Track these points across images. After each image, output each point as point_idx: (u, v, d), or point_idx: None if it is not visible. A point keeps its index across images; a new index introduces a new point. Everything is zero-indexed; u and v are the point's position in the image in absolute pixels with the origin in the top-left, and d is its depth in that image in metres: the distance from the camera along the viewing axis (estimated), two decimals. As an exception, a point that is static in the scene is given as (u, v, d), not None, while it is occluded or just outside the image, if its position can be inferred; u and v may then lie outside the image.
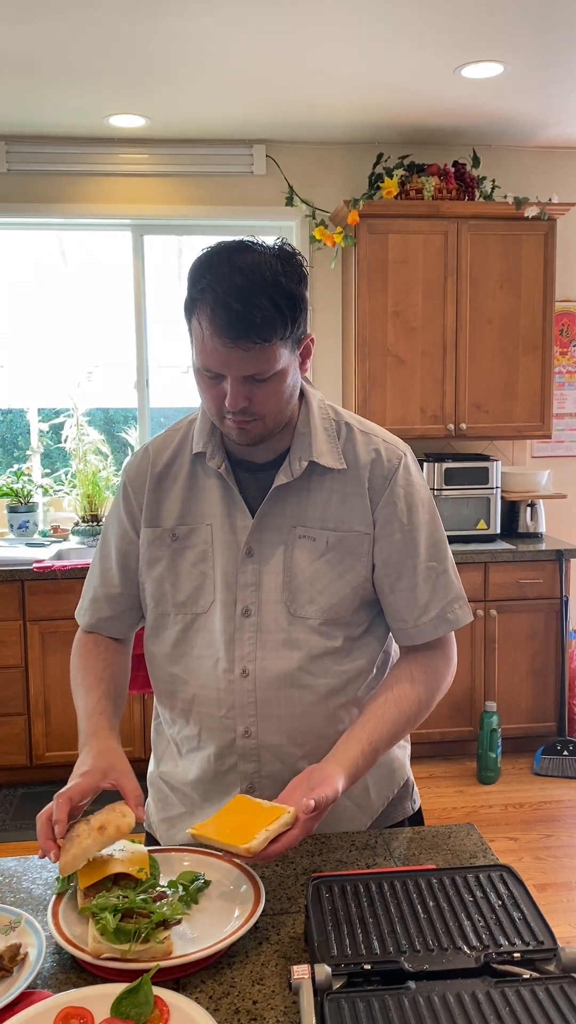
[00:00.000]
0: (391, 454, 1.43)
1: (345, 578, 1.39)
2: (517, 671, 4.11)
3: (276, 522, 1.38)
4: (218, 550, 1.39)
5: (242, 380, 1.26)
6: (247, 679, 1.38)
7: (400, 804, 1.55)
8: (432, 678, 1.43)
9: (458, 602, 1.44)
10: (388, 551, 1.40)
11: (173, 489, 1.43)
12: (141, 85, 3.53)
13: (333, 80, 3.51)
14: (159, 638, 1.45)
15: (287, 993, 1.05)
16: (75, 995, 1.01)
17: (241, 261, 1.22)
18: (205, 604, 1.40)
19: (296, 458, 1.37)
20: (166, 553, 1.42)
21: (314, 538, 1.38)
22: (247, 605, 1.38)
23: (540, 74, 3.47)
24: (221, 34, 3.05)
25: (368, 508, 1.39)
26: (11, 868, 1.35)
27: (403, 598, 1.41)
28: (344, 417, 1.44)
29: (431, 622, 1.42)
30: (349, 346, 4.27)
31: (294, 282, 1.25)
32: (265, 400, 1.29)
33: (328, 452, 1.39)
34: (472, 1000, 0.94)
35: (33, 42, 3.09)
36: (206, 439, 1.40)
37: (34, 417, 4.58)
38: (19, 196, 4.21)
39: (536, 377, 4.22)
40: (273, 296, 1.22)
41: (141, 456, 1.47)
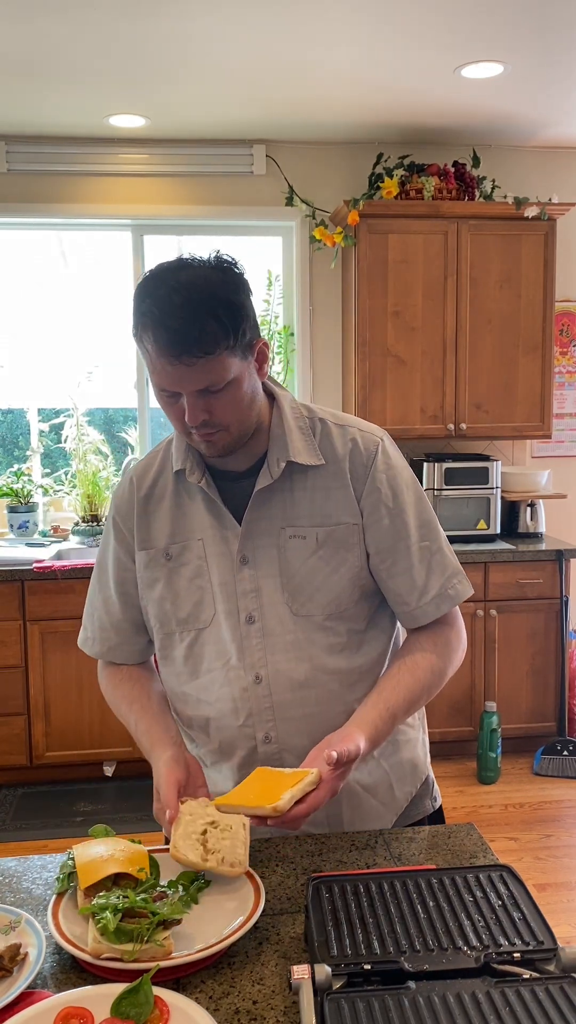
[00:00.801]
0: (367, 442, 1.43)
1: (340, 571, 1.40)
2: (517, 671, 4.11)
3: (264, 526, 1.40)
4: (212, 563, 1.41)
5: (196, 395, 1.28)
6: (261, 685, 1.39)
7: (421, 801, 1.56)
8: (443, 649, 1.44)
9: (456, 576, 1.46)
10: (379, 538, 1.41)
11: (160, 509, 1.45)
12: (141, 85, 3.53)
13: (333, 80, 3.51)
14: (169, 659, 1.47)
15: (287, 993, 1.05)
16: (75, 995, 1.01)
17: (176, 280, 1.25)
18: (207, 618, 1.42)
19: (274, 460, 1.39)
20: (162, 573, 1.44)
21: (304, 536, 1.39)
22: (250, 612, 1.40)
23: (540, 74, 3.47)
24: (221, 34, 3.05)
25: (353, 498, 1.40)
26: (11, 868, 1.35)
27: (402, 582, 1.42)
28: (317, 413, 1.45)
29: (433, 601, 1.43)
30: (349, 346, 4.27)
31: (232, 292, 1.27)
32: (224, 411, 1.30)
33: (305, 450, 1.40)
34: (472, 1000, 0.94)
35: (33, 42, 3.10)
36: (183, 456, 1.42)
37: (34, 417, 4.58)
38: (19, 196, 4.21)
39: (536, 377, 4.22)
40: (212, 308, 1.23)
41: (126, 484, 1.49)
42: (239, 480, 1.42)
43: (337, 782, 1.23)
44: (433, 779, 1.60)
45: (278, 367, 4.46)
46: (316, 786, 1.20)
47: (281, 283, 4.49)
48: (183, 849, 1.20)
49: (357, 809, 1.46)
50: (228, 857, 1.20)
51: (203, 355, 1.24)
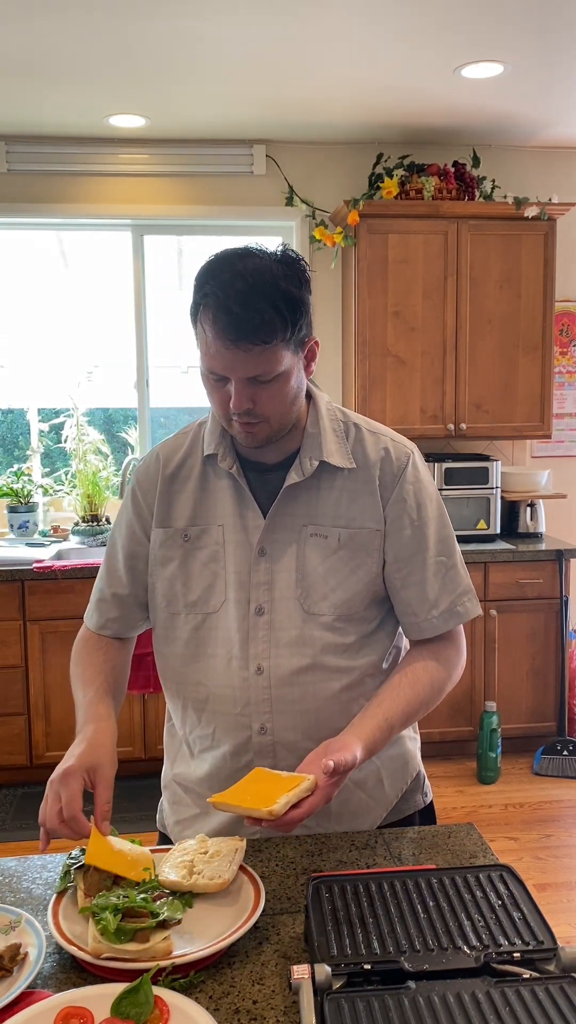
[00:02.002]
0: (400, 452, 1.46)
1: (357, 574, 1.41)
2: (517, 671, 4.11)
3: (288, 521, 1.41)
4: (230, 550, 1.42)
5: (245, 382, 1.29)
6: (262, 676, 1.40)
7: (412, 797, 1.57)
8: (443, 665, 1.46)
9: (467, 595, 1.48)
10: (399, 547, 1.43)
11: (184, 490, 1.46)
12: (141, 85, 3.53)
13: (333, 80, 3.51)
14: (171, 639, 1.47)
15: (287, 993, 1.05)
16: (75, 995, 1.01)
17: (242, 266, 1.26)
18: (216, 604, 1.42)
19: (307, 458, 1.41)
20: (178, 553, 1.44)
21: (326, 536, 1.41)
22: (260, 603, 1.40)
23: (540, 74, 3.47)
24: (221, 34, 3.05)
25: (379, 505, 1.42)
26: (11, 868, 1.35)
27: (413, 593, 1.44)
28: (352, 418, 1.48)
29: (441, 615, 1.45)
30: (349, 346, 4.27)
31: (295, 286, 1.29)
32: (269, 402, 1.31)
33: (338, 452, 1.42)
34: (472, 1000, 0.94)
35: (33, 42, 3.10)
36: (217, 441, 1.43)
37: (34, 417, 4.58)
38: (19, 196, 4.21)
39: (536, 377, 4.22)
40: (273, 299, 1.25)
41: (152, 460, 1.50)
42: (267, 473, 1.43)
43: (332, 789, 1.24)
44: (424, 774, 1.61)
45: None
46: (311, 792, 1.21)
47: (281, 283, 4.48)
48: (166, 872, 1.20)
49: (346, 803, 1.47)
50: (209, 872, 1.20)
51: (260, 343, 1.25)
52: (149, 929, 1.08)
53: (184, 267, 4.54)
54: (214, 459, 1.44)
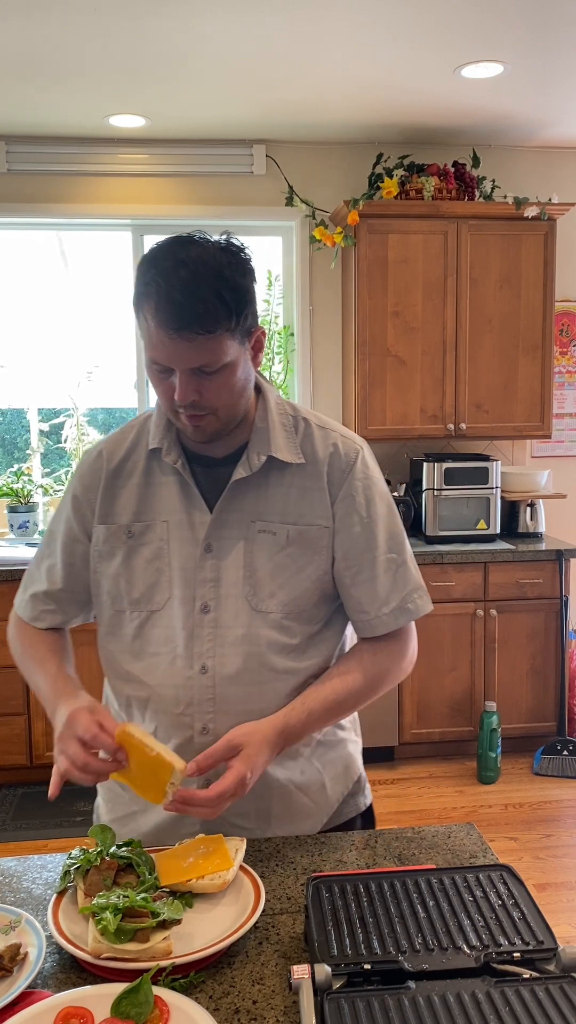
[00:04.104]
0: (348, 448, 1.43)
1: (306, 571, 1.40)
2: (517, 671, 4.11)
3: (235, 517, 1.38)
4: (175, 547, 1.39)
5: (190, 373, 1.26)
6: (206, 675, 1.37)
7: (353, 800, 1.55)
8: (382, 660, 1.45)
9: (417, 591, 1.46)
10: (348, 544, 1.41)
11: (128, 486, 1.43)
12: (141, 85, 3.53)
13: (333, 80, 3.51)
14: (116, 636, 1.44)
15: (287, 993, 1.05)
16: (75, 995, 1.01)
17: (185, 255, 1.24)
18: (160, 601, 1.39)
19: (254, 452, 1.38)
20: (121, 550, 1.41)
21: (274, 532, 1.39)
22: (206, 601, 1.38)
23: (540, 74, 3.47)
24: (221, 34, 3.05)
25: (327, 502, 1.41)
26: (11, 868, 1.35)
27: (364, 590, 1.42)
28: (301, 413, 1.45)
29: (391, 613, 1.44)
30: (349, 346, 4.27)
31: (239, 274, 1.26)
32: (216, 393, 1.29)
33: (286, 447, 1.40)
34: (472, 1000, 0.94)
35: (33, 42, 3.09)
36: (162, 435, 1.40)
37: (34, 417, 4.58)
38: (19, 196, 4.21)
39: (536, 377, 4.22)
40: (217, 288, 1.23)
41: (95, 455, 1.46)
42: (214, 467, 1.40)
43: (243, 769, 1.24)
44: (365, 777, 1.60)
45: (278, 367, 4.46)
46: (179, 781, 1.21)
47: (281, 283, 4.49)
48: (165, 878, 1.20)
49: (288, 807, 1.45)
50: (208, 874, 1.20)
51: (203, 332, 1.23)
52: (149, 929, 1.08)
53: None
54: (159, 453, 1.41)
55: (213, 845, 1.26)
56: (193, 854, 1.24)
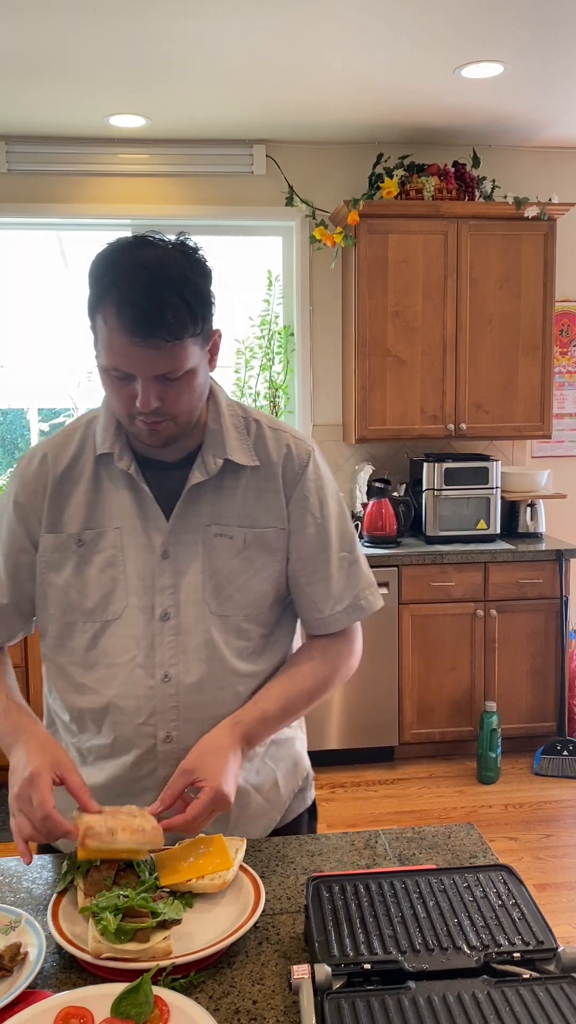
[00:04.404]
0: (301, 449, 1.42)
1: (263, 574, 1.39)
2: (517, 671, 4.11)
3: (192, 522, 1.36)
4: (129, 554, 1.35)
5: (153, 380, 1.23)
6: (168, 683, 1.35)
7: (302, 795, 1.56)
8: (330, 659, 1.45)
9: (369, 589, 1.47)
10: (304, 545, 1.41)
11: (76, 493, 1.37)
12: (141, 85, 3.53)
13: (333, 80, 3.51)
14: (66, 647, 1.39)
15: (287, 993, 1.05)
16: (75, 995, 1.01)
17: (143, 256, 1.20)
18: (116, 610, 1.35)
19: (210, 456, 1.36)
20: (72, 559, 1.36)
21: (231, 536, 1.37)
22: (165, 608, 1.35)
23: (540, 74, 3.47)
24: (221, 34, 3.05)
25: (282, 504, 1.40)
26: (11, 868, 1.35)
27: (319, 589, 1.43)
28: (252, 414, 1.43)
29: (345, 610, 1.45)
30: (349, 346, 4.27)
31: (200, 277, 1.23)
32: (176, 399, 1.26)
33: (240, 449, 1.38)
34: (472, 1000, 0.94)
35: (33, 42, 3.09)
36: (112, 439, 1.35)
37: (34, 417, 4.58)
38: (19, 196, 4.21)
39: (536, 377, 4.22)
40: (181, 292, 1.19)
41: (38, 461, 1.40)
42: (166, 471, 1.37)
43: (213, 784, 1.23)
44: (312, 774, 1.60)
45: (278, 367, 4.46)
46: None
47: (281, 283, 4.49)
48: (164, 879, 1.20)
49: (245, 808, 1.44)
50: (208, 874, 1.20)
51: (171, 339, 1.19)
52: (149, 929, 1.08)
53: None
54: (109, 458, 1.36)
55: (213, 845, 1.26)
56: (193, 854, 1.24)
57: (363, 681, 3.86)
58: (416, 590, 3.97)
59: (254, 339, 4.42)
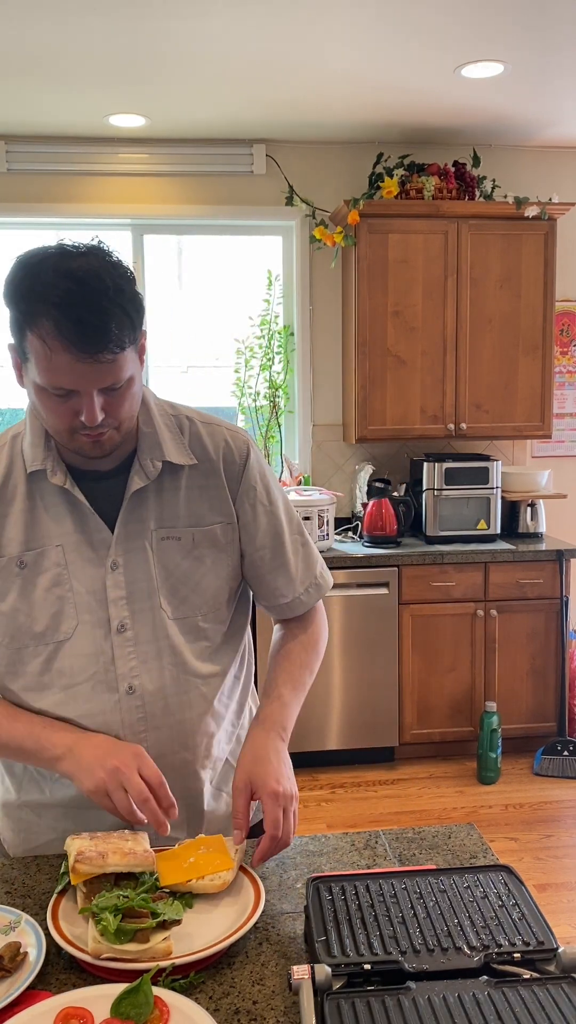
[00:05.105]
0: (238, 442, 1.42)
1: (215, 571, 1.39)
2: (517, 671, 4.11)
3: (137, 528, 1.33)
4: (75, 570, 1.32)
5: (98, 393, 1.20)
6: (133, 695, 1.34)
7: None
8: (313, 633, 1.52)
9: (323, 567, 1.54)
10: (259, 535, 1.42)
11: (11, 513, 1.33)
12: (141, 85, 3.53)
13: (333, 80, 3.51)
14: (18, 674, 1.35)
15: (287, 993, 1.05)
16: (75, 995, 1.01)
17: (68, 266, 1.15)
18: (68, 629, 1.32)
19: (147, 459, 1.33)
20: (14, 584, 1.32)
21: (179, 537, 1.36)
22: (122, 620, 1.33)
23: (540, 74, 3.47)
24: (221, 34, 3.05)
25: (228, 498, 1.40)
26: (11, 868, 1.35)
27: (280, 576, 1.46)
28: (182, 411, 1.42)
29: (307, 591, 1.49)
30: (349, 346, 4.27)
31: (128, 282, 1.20)
32: (119, 408, 1.23)
33: (176, 449, 1.36)
34: (472, 1000, 0.94)
35: (33, 42, 3.09)
36: (43, 455, 1.32)
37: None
38: (19, 196, 4.21)
39: (536, 377, 4.22)
40: (119, 302, 1.17)
41: None
42: (103, 481, 1.34)
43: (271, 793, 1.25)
44: None
45: (278, 367, 4.46)
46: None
47: (281, 283, 4.49)
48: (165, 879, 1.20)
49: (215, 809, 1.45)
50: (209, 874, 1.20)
51: (118, 351, 1.17)
52: (149, 929, 1.08)
53: (184, 267, 4.54)
54: (42, 475, 1.32)
55: (213, 845, 1.26)
56: (193, 854, 1.24)
57: (363, 681, 3.87)
58: (416, 590, 3.97)
59: (254, 339, 4.42)
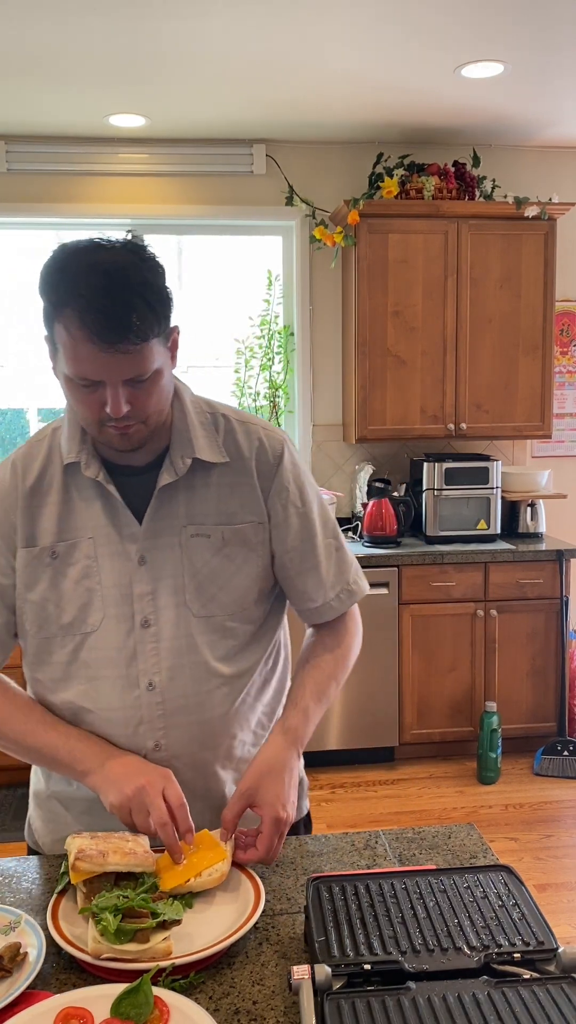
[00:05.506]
0: (273, 441, 1.41)
1: (244, 570, 1.38)
2: (517, 671, 4.11)
3: (167, 525, 1.34)
4: (104, 563, 1.33)
5: (122, 384, 1.21)
6: (153, 692, 1.34)
7: (299, 804, 1.54)
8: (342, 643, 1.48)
9: (358, 573, 1.50)
10: (290, 536, 1.41)
11: (47, 504, 1.36)
12: (141, 85, 3.53)
13: (333, 79, 3.51)
14: (45, 664, 1.38)
15: (287, 993, 1.05)
16: (75, 995, 1.01)
17: (98, 260, 1.18)
18: (95, 622, 1.33)
19: (178, 456, 1.34)
20: (46, 573, 1.34)
21: (208, 535, 1.35)
22: (146, 616, 1.33)
23: (540, 74, 3.47)
24: (221, 34, 3.05)
25: (259, 498, 1.38)
26: (11, 868, 1.35)
27: (310, 579, 1.43)
28: (219, 409, 1.42)
29: (337, 597, 1.46)
30: (349, 346, 4.27)
31: (156, 275, 1.22)
32: (146, 401, 1.24)
33: (208, 446, 1.36)
34: (472, 1000, 0.94)
35: (33, 42, 3.09)
36: (78, 448, 1.34)
37: (34, 417, 4.58)
38: (19, 196, 4.21)
39: (536, 377, 4.22)
40: (142, 293, 1.18)
41: (9, 473, 1.38)
42: (137, 476, 1.35)
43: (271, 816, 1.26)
44: (307, 782, 1.59)
45: (278, 367, 4.46)
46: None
47: (281, 283, 4.49)
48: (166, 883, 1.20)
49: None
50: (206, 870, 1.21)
51: (139, 342, 1.18)
52: (149, 929, 1.08)
53: (184, 267, 4.54)
54: (76, 467, 1.34)
55: (202, 842, 1.26)
56: (185, 854, 1.23)
57: (363, 681, 3.86)
58: (416, 590, 3.97)
59: (254, 339, 4.42)
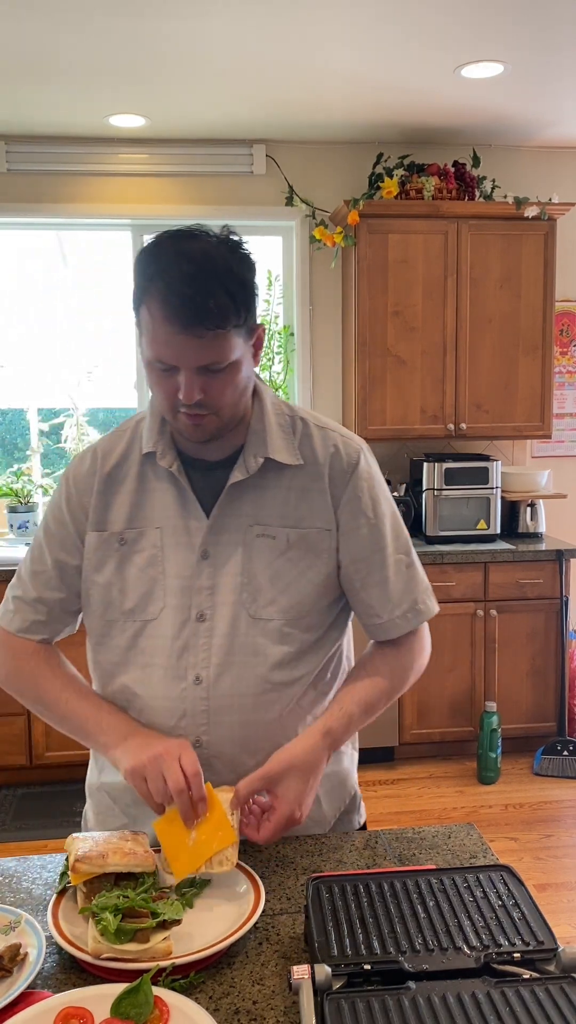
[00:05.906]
0: (350, 449, 1.40)
1: (307, 576, 1.36)
2: (517, 671, 4.11)
3: (232, 522, 1.35)
4: (169, 554, 1.35)
5: (196, 371, 1.23)
6: (200, 687, 1.34)
7: (349, 817, 1.53)
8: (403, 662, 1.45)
9: (427, 592, 1.45)
10: (357, 547, 1.38)
11: (122, 491, 1.38)
12: (141, 85, 3.53)
13: (333, 80, 3.51)
14: (106, 647, 1.40)
15: (287, 993, 1.05)
16: (75, 995, 1.01)
17: (188, 248, 1.21)
18: (155, 610, 1.35)
19: (251, 455, 1.34)
20: (114, 558, 1.37)
21: (274, 536, 1.35)
22: (202, 610, 1.34)
23: (540, 74, 3.47)
24: (221, 34, 3.05)
25: (329, 504, 1.37)
26: (11, 868, 1.35)
27: (375, 593, 1.40)
28: (299, 413, 1.42)
29: (404, 615, 1.42)
30: (349, 346, 4.27)
31: (243, 269, 1.24)
32: (220, 392, 1.25)
33: (284, 448, 1.36)
34: (472, 1000, 0.94)
35: (33, 42, 3.09)
36: (156, 438, 1.36)
37: (34, 417, 4.58)
38: (19, 196, 4.21)
39: (536, 377, 4.22)
40: (225, 282, 1.20)
41: (89, 458, 1.42)
42: (210, 471, 1.36)
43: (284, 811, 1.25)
44: (360, 795, 1.57)
45: (278, 367, 4.46)
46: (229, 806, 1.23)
47: (281, 283, 4.49)
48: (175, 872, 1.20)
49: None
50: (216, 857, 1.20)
51: (213, 328, 1.19)
52: (149, 929, 1.08)
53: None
54: (153, 457, 1.36)
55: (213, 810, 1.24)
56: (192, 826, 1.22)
57: (363, 681, 3.85)
58: (416, 590, 3.96)
59: (254, 339, 4.42)
